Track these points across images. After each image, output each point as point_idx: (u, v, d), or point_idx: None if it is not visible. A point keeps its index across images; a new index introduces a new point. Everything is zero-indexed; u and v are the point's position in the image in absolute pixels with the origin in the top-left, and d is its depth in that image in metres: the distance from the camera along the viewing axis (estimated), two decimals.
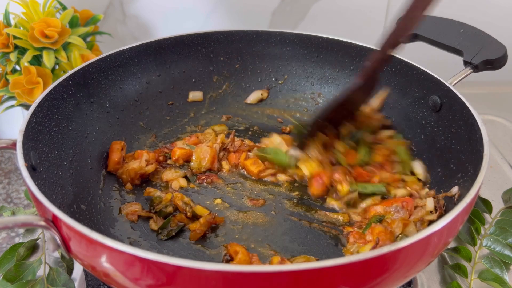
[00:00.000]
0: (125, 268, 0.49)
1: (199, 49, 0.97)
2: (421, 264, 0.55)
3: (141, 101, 0.93)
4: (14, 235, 0.88)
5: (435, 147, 0.79)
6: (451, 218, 0.52)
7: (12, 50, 0.90)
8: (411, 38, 0.91)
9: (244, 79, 1.01)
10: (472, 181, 0.58)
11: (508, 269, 0.72)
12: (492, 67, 0.80)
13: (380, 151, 0.81)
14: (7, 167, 1.07)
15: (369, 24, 1.23)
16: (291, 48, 0.98)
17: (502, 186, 0.92)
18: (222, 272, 0.45)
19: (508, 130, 1.13)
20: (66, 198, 0.69)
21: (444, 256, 0.78)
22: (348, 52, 0.93)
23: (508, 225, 0.77)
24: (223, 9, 1.15)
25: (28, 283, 0.68)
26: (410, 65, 0.84)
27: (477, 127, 0.68)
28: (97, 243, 0.48)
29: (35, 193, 0.55)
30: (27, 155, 0.62)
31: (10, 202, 0.97)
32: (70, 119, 0.78)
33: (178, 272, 0.46)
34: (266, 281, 0.46)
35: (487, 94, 1.27)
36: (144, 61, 0.92)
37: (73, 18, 0.95)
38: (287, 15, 1.20)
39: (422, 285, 0.73)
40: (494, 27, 0.89)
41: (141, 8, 1.14)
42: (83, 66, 0.82)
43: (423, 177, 0.78)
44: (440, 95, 0.79)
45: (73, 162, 0.76)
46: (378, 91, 0.89)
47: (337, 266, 0.46)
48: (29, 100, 0.89)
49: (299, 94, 1.00)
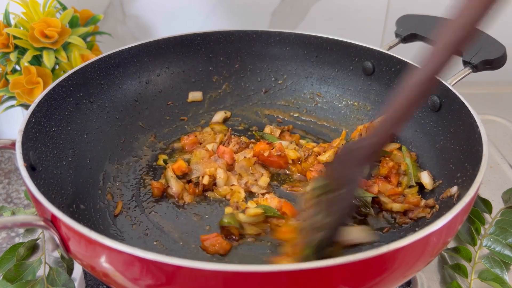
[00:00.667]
0: (124, 268, 0.49)
1: (198, 49, 0.97)
2: (421, 264, 0.55)
3: (141, 101, 0.93)
4: (14, 235, 0.88)
5: (434, 147, 0.79)
6: (450, 218, 0.52)
7: (12, 50, 0.90)
8: (410, 38, 0.91)
9: (243, 79, 1.01)
10: (471, 180, 0.58)
11: (508, 269, 0.72)
12: (491, 67, 0.80)
13: (386, 164, 0.80)
14: (7, 167, 1.07)
15: (369, 24, 1.23)
16: (290, 48, 0.98)
17: (502, 186, 0.92)
18: (221, 272, 0.45)
19: (508, 130, 1.13)
20: (66, 198, 0.69)
21: (444, 256, 0.78)
22: (347, 52, 0.93)
23: (508, 225, 0.77)
24: (223, 9, 1.15)
25: (28, 283, 0.68)
26: (409, 65, 0.84)
27: (476, 126, 0.68)
28: (96, 243, 0.48)
29: (34, 193, 0.55)
30: (27, 155, 0.62)
31: (10, 202, 0.97)
32: (69, 119, 0.78)
33: (178, 272, 0.46)
34: (266, 281, 0.46)
35: (486, 94, 1.27)
36: (144, 61, 0.92)
37: (73, 18, 0.95)
38: (287, 15, 1.20)
39: (422, 285, 0.73)
40: (493, 27, 0.89)
41: (141, 8, 1.14)
42: (82, 66, 0.82)
43: (430, 187, 0.76)
44: (439, 95, 0.79)
45: (72, 162, 0.76)
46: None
47: (336, 266, 0.46)
48: (29, 100, 0.89)
49: (298, 94, 1.00)
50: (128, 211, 0.76)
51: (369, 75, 0.92)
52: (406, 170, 0.79)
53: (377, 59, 0.90)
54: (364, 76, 0.93)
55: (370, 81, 0.92)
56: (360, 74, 0.93)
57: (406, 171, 0.79)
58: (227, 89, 1.00)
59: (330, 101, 0.98)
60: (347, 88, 0.96)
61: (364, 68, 0.92)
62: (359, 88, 0.94)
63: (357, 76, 0.94)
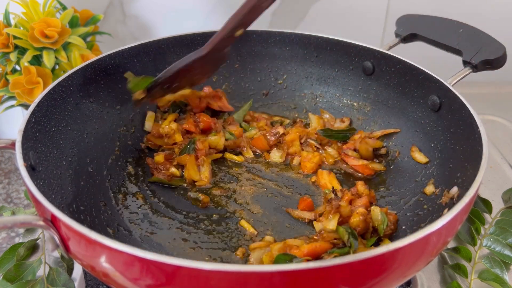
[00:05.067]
0: (124, 268, 0.49)
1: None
2: (420, 264, 0.55)
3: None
4: (14, 235, 0.88)
5: (434, 147, 0.79)
6: (450, 218, 0.52)
7: (12, 50, 0.90)
8: (410, 38, 0.91)
9: (243, 79, 1.01)
10: (471, 180, 0.58)
11: (508, 269, 0.72)
12: (491, 67, 0.80)
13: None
14: (7, 167, 1.07)
15: (369, 24, 1.23)
16: (290, 48, 0.98)
17: (502, 186, 0.92)
18: (221, 272, 0.45)
19: (508, 130, 1.13)
20: (66, 198, 0.69)
21: (444, 256, 0.78)
22: (347, 52, 0.93)
23: (508, 225, 0.77)
24: (223, 9, 1.15)
25: (28, 283, 0.68)
26: (409, 65, 0.84)
27: (476, 126, 0.68)
28: (96, 242, 0.48)
29: (34, 192, 0.55)
30: (26, 154, 0.62)
31: (10, 202, 0.97)
32: (69, 119, 0.78)
33: (178, 272, 0.46)
34: (266, 281, 0.46)
35: (486, 94, 1.27)
36: (144, 61, 0.92)
37: (73, 18, 0.95)
38: (287, 15, 1.20)
39: (422, 285, 0.73)
40: (493, 27, 0.89)
41: (141, 8, 1.14)
42: (82, 66, 0.82)
43: (425, 161, 0.80)
44: (440, 95, 0.79)
45: (72, 162, 0.76)
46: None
47: (336, 266, 0.46)
48: (29, 100, 0.89)
49: (298, 93, 1.00)
50: (128, 210, 0.76)
51: (369, 75, 0.92)
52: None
53: (377, 59, 0.90)
54: (364, 76, 0.93)
55: (370, 81, 0.92)
56: (360, 74, 0.93)
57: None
58: (227, 89, 1.00)
59: (330, 101, 0.98)
60: (347, 88, 0.96)
61: (364, 68, 0.92)
62: (359, 88, 0.94)
63: (357, 76, 0.94)
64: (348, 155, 0.86)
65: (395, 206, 0.77)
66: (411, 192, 0.78)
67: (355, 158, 0.85)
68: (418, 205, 0.75)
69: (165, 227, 0.73)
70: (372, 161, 0.86)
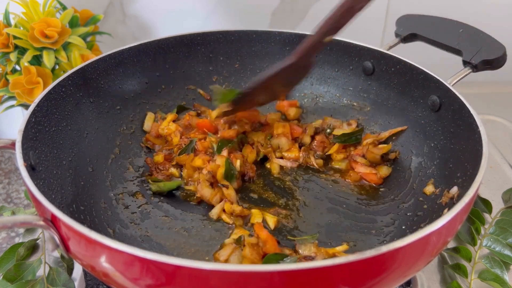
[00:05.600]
0: (124, 268, 0.49)
1: (198, 49, 0.97)
2: (420, 264, 0.55)
3: (141, 101, 0.93)
4: (14, 235, 0.88)
5: (434, 147, 0.79)
6: (450, 218, 0.52)
7: (12, 50, 0.91)
8: (410, 38, 0.91)
9: (243, 79, 1.01)
10: (471, 180, 0.58)
11: (508, 269, 0.72)
12: (491, 67, 0.80)
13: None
14: (7, 167, 1.07)
15: (369, 24, 1.23)
16: (290, 48, 0.98)
17: (502, 186, 0.92)
18: (221, 271, 0.45)
19: (508, 130, 1.13)
20: (66, 198, 0.69)
21: (444, 256, 0.78)
22: (347, 52, 0.93)
23: (508, 225, 0.77)
24: (223, 9, 1.15)
25: (28, 283, 0.68)
26: (409, 65, 0.84)
27: (476, 126, 0.68)
28: (96, 242, 0.48)
29: (34, 192, 0.55)
30: (26, 154, 0.62)
31: (10, 202, 0.97)
32: (69, 118, 0.78)
33: (178, 272, 0.46)
34: (265, 281, 0.46)
35: (486, 94, 1.28)
36: (144, 61, 0.92)
37: (73, 18, 0.95)
38: (287, 15, 1.20)
39: (422, 285, 0.73)
40: (493, 27, 0.89)
41: (141, 8, 1.14)
42: (82, 66, 0.82)
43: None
44: (439, 95, 0.79)
45: (72, 161, 0.76)
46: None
47: (336, 266, 0.46)
48: (29, 100, 0.89)
49: (298, 94, 1.00)
50: (129, 210, 0.76)
51: (369, 75, 0.92)
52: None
53: (377, 59, 0.90)
54: (364, 76, 0.93)
55: (370, 81, 0.92)
56: (360, 74, 0.93)
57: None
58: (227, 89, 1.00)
59: (330, 101, 0.98)
60: (347, 88, 0.96)
61: (364, 68, 0.92)
62: (359, 88, 0.94)
63: (357, 76, 0.94)
64: (357, 162, 0.85)
65: (395, 206, 0.77)
66: (411, 192, 0.78)
67: (363, 165, 0.84)
68: (418, 205, 0.75)
69: (165, 227, 0.73)
70: (380, 165, 0.84)
